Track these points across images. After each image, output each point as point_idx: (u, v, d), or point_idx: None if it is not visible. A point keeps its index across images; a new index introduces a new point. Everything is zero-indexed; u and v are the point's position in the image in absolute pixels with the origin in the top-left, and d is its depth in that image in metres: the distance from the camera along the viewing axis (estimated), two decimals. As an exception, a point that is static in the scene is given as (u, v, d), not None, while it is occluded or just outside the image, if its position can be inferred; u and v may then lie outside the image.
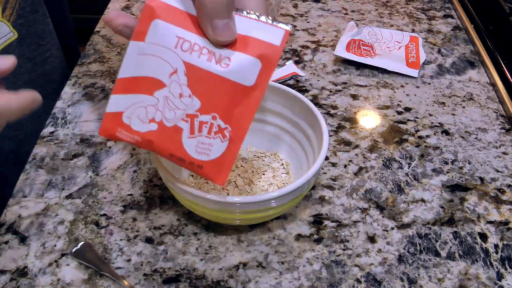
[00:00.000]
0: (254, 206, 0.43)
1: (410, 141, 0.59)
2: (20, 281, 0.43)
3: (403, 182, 0.54)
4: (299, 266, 0.45)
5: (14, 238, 0.47)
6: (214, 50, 0.31)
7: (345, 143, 0.58)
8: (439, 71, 0.70)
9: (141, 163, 0.55)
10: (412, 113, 0.63)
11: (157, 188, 0.52)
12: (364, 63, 0.69)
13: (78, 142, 0.57)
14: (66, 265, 0.45)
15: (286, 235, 0.48)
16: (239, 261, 0.45)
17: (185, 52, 0.31)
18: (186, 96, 0.32)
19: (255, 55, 0.31)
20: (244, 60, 0.31)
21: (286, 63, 0.69)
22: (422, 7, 0.85)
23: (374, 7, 0.84)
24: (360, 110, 0.63)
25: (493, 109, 0.64)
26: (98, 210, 0.50)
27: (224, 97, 0.31)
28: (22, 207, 0.50)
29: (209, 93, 0.31)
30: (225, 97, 0.31)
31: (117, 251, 0.46)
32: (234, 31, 0.30)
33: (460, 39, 0.77)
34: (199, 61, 0.31)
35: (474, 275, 0.45)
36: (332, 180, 0.53)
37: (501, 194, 0.53)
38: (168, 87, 0.32)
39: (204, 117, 0.31)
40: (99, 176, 0.53)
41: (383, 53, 0.71)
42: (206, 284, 0.44)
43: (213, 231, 0.48)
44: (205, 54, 0.31)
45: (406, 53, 0.71)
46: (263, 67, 0.31)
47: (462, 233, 0.49)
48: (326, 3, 0.85)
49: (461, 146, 0.58)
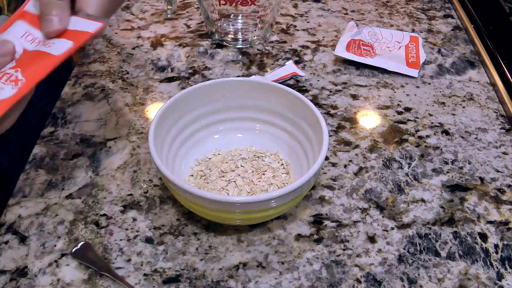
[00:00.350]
0: (254, 206, 0.43)
1: (410, 141, 0.59)
2: (20, 281, 0.43)
3: (403, 182, 0.54)
4: (299, 266, 0.45)
5: (14, 238, 0.47)
6: (48, 41, 0.40)
7: (345, 143, 0.58)
8: (439, 71, 0.70)
9: (141, 163, 0.55)
10: (412, 113, 0.63)
11: (157, 188, 0.52)
12: (364, 63, 0.69)
13: (78, 142, 0.57)
14: (66, 265, 0.45)
15: (286, 235, 0.48)
16: (239, 261, 0.45)
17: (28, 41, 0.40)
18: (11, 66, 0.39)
19: (71, 38, 0.40)
20: (62, 42, 0.40)
21: (286, 63, 0.69)
22: (422, 7, 0.85)
23: (374, 7, 0.84)
24: (360, 110, 0.63)
25: (493, 109, 0.64)
26: (98, 210, 0.50)
27: (34, 61, 0.39)
28: (22, 207, 0.50)
29: (28, 62, 0.39)
30: (35, 61, 0.39)
31: (117, 251, 0.46)
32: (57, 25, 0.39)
33: (460, 39, 0.77)
34: (33, 46, 0.40)
35: (474, 275, 0.45)
36: (332, 180, 0.53)
37: (501, 194, 0.53)
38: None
39: (10, 71, 0.38)
40: (99, 176, 0.53)
41: (383, 53, 0.71)
42: (206, 284, 0.44)
43: (213, 231, 0.48)
44: (39, 42, 0.40)
45: (406, 53, 0.71)
46: (74, 45, 0.40)
47: (462, 233, 0.49)
48: (326, 3, 0.85)
49: (461, 146, 0.58)
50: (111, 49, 0.72)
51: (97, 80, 0.66)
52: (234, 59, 0.71)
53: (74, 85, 0.65)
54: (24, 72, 0.38)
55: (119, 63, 0.69)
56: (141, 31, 0.76)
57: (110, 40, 0.74)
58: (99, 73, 0.68)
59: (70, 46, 0.40)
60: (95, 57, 0.70)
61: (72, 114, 0.61)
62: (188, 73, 0.68)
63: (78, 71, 0.68)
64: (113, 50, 0.72)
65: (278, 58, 0.71)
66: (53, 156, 0.55)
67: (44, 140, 0.57)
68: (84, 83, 0.66)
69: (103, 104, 0.62)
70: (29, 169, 0.53)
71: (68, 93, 0.64)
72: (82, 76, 0.67)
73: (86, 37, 0.40)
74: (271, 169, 0.52)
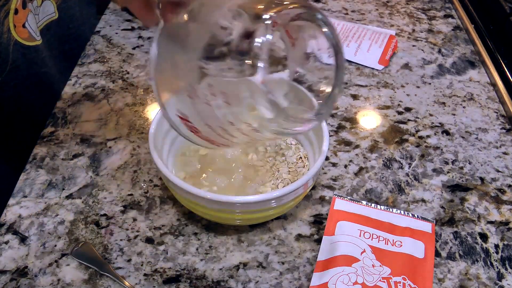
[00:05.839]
0: (254, 206, 0.43)
1: (410, 141, 0.59)
2: (20, 281, 0.43)
3: (404, 182, 0.54)
4: (299, 266, 0.45)
5: (14, 238, 0.47)
6: (387, 237, 0.46)
7: (345, 143, 0.58)
8: (439, 71, 0.70)
9: (141, 163, 0.55)
10: (413, 113, 0.63)
11: (157, 188, 0.52)
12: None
13: (78, 142, 0.57)
14: (66, 265, 0.45)
15: (286, 235, 0.48)
16: (240, 261, 0.45)
17: (367, 239, 0.46)
18: (377, 266, 0.43)
19: (418, 239, 0.46)
20: (411, 242, 0.46)
21: (287, 63, 0.69)
22: (423, 7, 0.84)
23: (374, 7, 0.84)
24: (361, 110, 0.63)
25: (494, 109, 0.64)
26: (98, 210, 0.50)
27: (405, 265, 0.44)
28: (22, 207, 0.50)
29: (394, 263, 0.44)
30: (406, 265, 0.44)
31: (117, 251, 0.46)
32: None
33: (460, 39, 0.77)
34: (379, 244, 0.46)
35: (475, 275, 0.45)
36: (333, 180, 0.53)
37: (502, 194, 0.53)
38: (361, 261, 0.44)
39: (396, 278, 0.42)
40: (99, 176, 0.53)
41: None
42: (206, 284, 0.44)
43: (213, 231, 0.48)
44: (382, 240, 0.46)
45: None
46: (426, 246, 0.46)
47: (463, 233, 0.49)
48: (327, 3, 0.84)
49: (462, 146, 0.58)
50: (111, 49, 0.72)
51: (97, 80, 0.66)
52: (234, 59, 0.71)
53: (74, 85, 0.65)
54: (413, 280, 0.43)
55: (119, 63, 0.69)
56: (142, 31, 0.76)
57: (110, 40, 0.74)
58: (99, 73, 0.68)
59: (423, 247, 0.45)
60: (95, 57, 0.70)
61: (72, 114, 0.61)
62: (188, 73, 0.68)
63: (78, 71, 0.68)
64: (113, 50, 0.72)
65: (278, 58, 0.71)
66: (53, 156, 0.55)
67: (44, 140, 0.57)
68: (84, 83, 0.66)
69: (103, 104, 0.62)
70: (29, 169, 0.53)
71: (68, 93, 0.64)
72: (82, 76, 0.67)
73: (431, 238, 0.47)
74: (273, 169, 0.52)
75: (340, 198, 0.50)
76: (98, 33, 0.75)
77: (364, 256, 0.44)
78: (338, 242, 0.45)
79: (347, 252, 0.44)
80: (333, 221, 0.48)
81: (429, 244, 0.46)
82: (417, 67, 0.71)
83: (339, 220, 0.48)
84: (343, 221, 0.47)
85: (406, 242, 0.46)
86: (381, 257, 0.44)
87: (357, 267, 0.43)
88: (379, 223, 0.48)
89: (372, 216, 0.48)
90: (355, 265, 0.43)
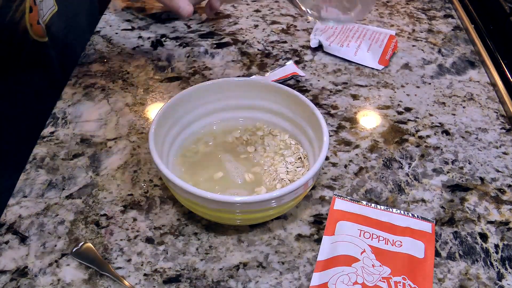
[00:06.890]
0: (254, 206, 0.43)
1: (410, 141, 0.59)
2: (20, 281, 0.43)
3: (404, 182, 0.54)
4: (299, 266, 0.45)
5: (14, 238, 0.47)
6: (387, 237, 0.46)
7: (345, 143, 0.58)
8: (439, 71, 0.70)
9: (141, 163, 0.55)
10: (413, 113, 0.63)
11: (157, 188, 0.52)
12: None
13: (78, 142, 0.57)
14: (66, 265, 0.45)
15: (287, 235, 0.48)
16: (240, 261, 0.45)
17: (367, 239, 0.46)
18: (377, 266, 0.43)
19: (418, 239, 0.46)
20: (411, 242, 0.46)
21: (286, 63, 0.69)
22: (423, 7, 0.85)
23: (374, 7, 0.84)
24: (361, 110, 0.63)
25: (494, 109, 0.64)
26: (98, 210, 0.50)
27: (405, 264, 0.44)
28: (22, 207, 0.50)
29: (394, 263, 0.44)
30: (406, 265, 0.44)
31: (117, 251, 0.46)
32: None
33: (460, 39, 0.77)
34: (379, 244, 0.46)
35: (475, 275, 0.45)
36: (333, 180, 0.53)
37: (502, 194, 0.53)
38: (361, 261, 0.44)
39: (396, 278, 0.43)
40: (99, 176, 0.53)
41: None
42: (207, 284, 0.44)
43: (213, 231, 0.48)
44: (382, 239, 0.46)
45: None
46: (426, 246, 0.46)
47: (463, 233, 0.49)
48: (326, 3, 0.84)
49: (462, 146, 0.58)
50: (111, 49, 0.72)
51: (97, 80, 0.66)
52: (234, 59, 0.71)
53: (74, 85, 0.65)
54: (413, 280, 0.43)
55: (119, 63, 0.69)
56: (142, 31, 0.76)
57: (111, 40, 0.74)
58: (99, 73, 0.68)
59: (423, 247, 0.46)
60: (95, 57, 0.70)
61: (72, 114, 0.61)
62: (189, 73, 0.68)
63: (78, 71, 0.68)
64: (113, 50, 0.72)
65: (279, 58, 0.71)
66: (53, 156, 0.55)
67: (44, 140, 0.57)
68: (84, 83, 0.66)
69: (103, 104, 0.62)
70: (29, 169, 0.53)
71: (68, 93, 0.64)
72: (82, 76, 0.67)
73: (430, 238, 0.47)
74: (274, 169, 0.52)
75: (340, 198, 0.50)
76: (98, 33, 0.75)
77: (364, 256, 0.44)
78: (338, 242, 0.45)
79: (347, 252, 0.44)
80: (333, 221, 0.48)
81: (429, 244, 0.46)
82: (417, 67, 0.71)
83: (339, 220, 0.48)
84: (343, 221, 0.48)
85: (406, 242, 0.46)
86: (381, 257, 0.44)
87: (357, 267, 0.43)
88: (379, 223, 0.48)
89: (372, 216, 0.48)
90: (355, 265, 0.43)
